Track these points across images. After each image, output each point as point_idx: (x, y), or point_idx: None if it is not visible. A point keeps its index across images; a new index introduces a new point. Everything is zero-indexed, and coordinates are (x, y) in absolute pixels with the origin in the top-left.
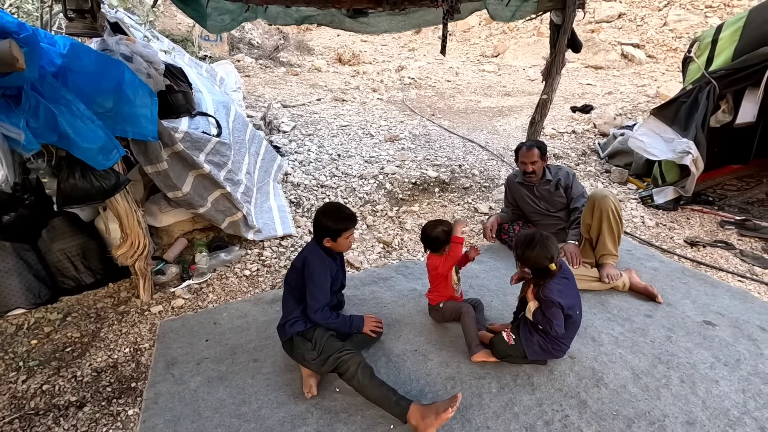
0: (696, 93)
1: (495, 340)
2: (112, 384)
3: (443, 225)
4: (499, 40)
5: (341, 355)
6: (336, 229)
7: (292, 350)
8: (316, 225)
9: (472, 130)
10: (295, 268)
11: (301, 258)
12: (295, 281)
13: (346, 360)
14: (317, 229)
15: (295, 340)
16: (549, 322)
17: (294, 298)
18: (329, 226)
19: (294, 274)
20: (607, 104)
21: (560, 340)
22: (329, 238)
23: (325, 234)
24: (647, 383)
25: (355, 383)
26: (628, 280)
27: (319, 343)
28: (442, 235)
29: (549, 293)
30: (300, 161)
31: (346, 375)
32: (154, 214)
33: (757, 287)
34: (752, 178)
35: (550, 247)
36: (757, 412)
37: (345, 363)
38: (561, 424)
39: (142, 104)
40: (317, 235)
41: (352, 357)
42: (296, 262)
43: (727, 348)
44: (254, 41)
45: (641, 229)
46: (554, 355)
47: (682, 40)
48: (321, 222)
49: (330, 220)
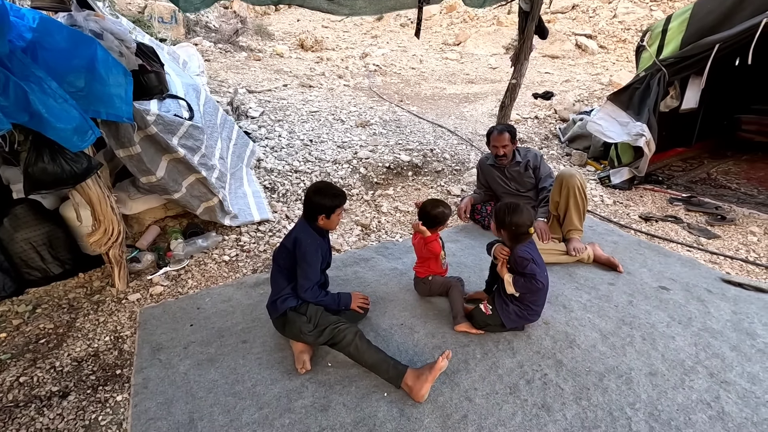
0: (648, 79)
1: (474, 311)
2: (96, 372)
3: (444, 206)
4: (460, 29)
5: (338, 325)
6: (331, 206)
7: (285, 326)
8: (309, 203)
9: (441, 116)
10: (285, 247)
11: (292, 238)
12: (285, 260)
13: (343, 329)
14: (310, 207)
15: (289, 315)
16: (530, 280)
17: (284, 277)
18: (324, 203)
19: (284, 254)
20: (566, 91)
21: (533, 304)
22: (324, 215)
23: (320, 211)
24: (614, 342)
25: (353, 350)
26: (592, 253)
27: (314, 317)
28: (441, 215)
29: (522, 253)
30: (272, 147)
31: (343, 342)
32: (123, 201)
33: (703, 255)
34: (695, 159)
35: (529, 213)
36: (707, 362)
37: (342, 332)
38: (541, 381)
39: (115, 83)
40: (309, 213)
41: (348, 327)
42: (286, 242)
43: (680, 309)
44: (211, 24)
45: (601, 207)
46: (530, 320)
47: (630, 31)
48: (314, 200)
49: (325, 198)
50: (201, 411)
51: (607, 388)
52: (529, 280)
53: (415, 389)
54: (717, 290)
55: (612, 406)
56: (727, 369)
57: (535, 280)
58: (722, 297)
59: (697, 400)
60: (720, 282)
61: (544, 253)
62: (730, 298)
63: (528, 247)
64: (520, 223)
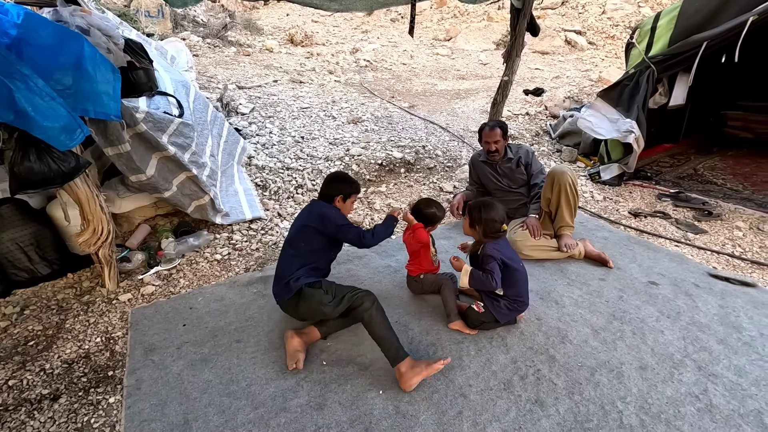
0: (637, 76)
1: (468, 312)
2: (87, 374)
3: (437, 208)
4: (450, 24)
5: (355, 292)
6: (349, 191)
7: (300, 304)
8: (328, 187)
9: (432, 112)
10: (309, 228)
11: (316, 215)
12: (308, 241)
13: (361, 296)
14: (329, 190)
15: (305, 292)
16: (487, 276)
17: (299, 259)
18: (343, 187)
19: (308, 234)
20: (556, 88)
21: (519, 297)
22: (341, 197)
23: (339, 193)
24: (605, 337)
25: (368, 317)
26: (583, 249)
27: (330, 289)
28: (432, 216)
29: (489, 251)
30: (263, 144)
31: (361, 308)
32: (112, 200)
33: (691, 250)
34: (682, 155)
35: (502, 211)
36: (695, 355)
37: (360, 298)
38: (534, 377)
39: (103, 81)
40: (327, 196)
41: (365, 293)
42: (310, 223)
43: (668, 303)
44: (199, 18)
45: (591, 203)
46: (520, 311)
47: (618, 28)
48: (333, 184)
49: (343, 183)
50: (195, 412)
51: (599, 383)
52: (486, 276)
53: (405, 377)
54: (704, 285)
55: (604, 400)
56: (715, 362)
57: (492, 278)
58: (709, 291)
59: (686, 393)
60: (707, 276)
61: (536, 250)
62: (717, 293)
63: (498, 245)
64: (493, 220)
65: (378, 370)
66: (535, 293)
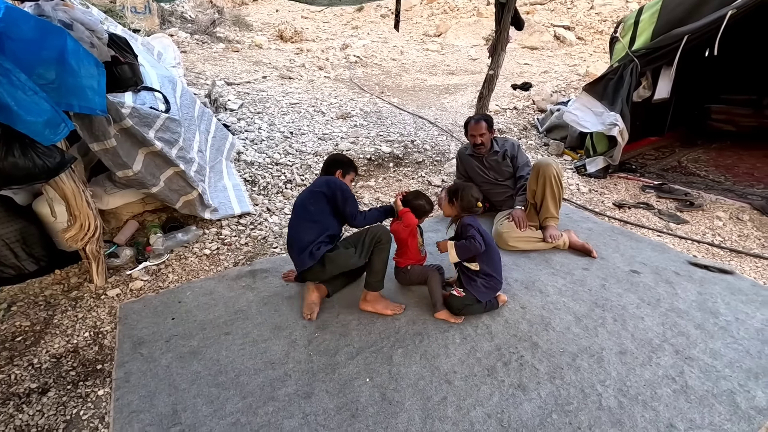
0: (621, 70)
1: (450, 299)
2: (76, 368)
3: (426, 201)
4: (440, 20)
5: (374, 232)
6: (347, 167)
7: (325, 267)
8: (331, 162)
9: (421, 107)
10: (317, 193)
11: (323, 182)
12: (318, 206)
13: (380, 234)
14: (331, 164)
15: (328, 257)
16: (470, 240)
17: (318, 225)
18: (341, 164)
19: (317, 199)
20: (544, 82)
21: (494, 272)
22: (341, 171)
23: (338, 167)
24: (587, 324)
25: (384, 250)
26: (567, 240)
27: (349, 243)
28: (420, 207)
29: (468, 221)
30: (251, 140)
31: (381, 244)
32: (99, 196)
33: (672, 240)
34: (666, 148)
35: (477, 190)
36: (673, 339)
37: (379, 236)
38: (518, 363)
39: (87, 75)
40: (330, 169)
41: (383, 231)
42: (317, 189)
43: (649, 291)
44: (187, 14)
45: (577, 195)
46: (497, 289)
47: (606, 23)
48: (335, 159)
49: (341, 161)
50: (184, 402)
51: (580, 367)
52: (469, 241)
53: (365, 302)
54: (684, 273)
55: (584, 383)
56: (692, 346)
57: (474, 241)
58: (689, 279)
59: (663, 376)
60: (687, 265)
61: (522, 241)
62: (696, 280)
63: (474, 219)
64: (470, 195)
65: (365, 358)
66: (521, 283)
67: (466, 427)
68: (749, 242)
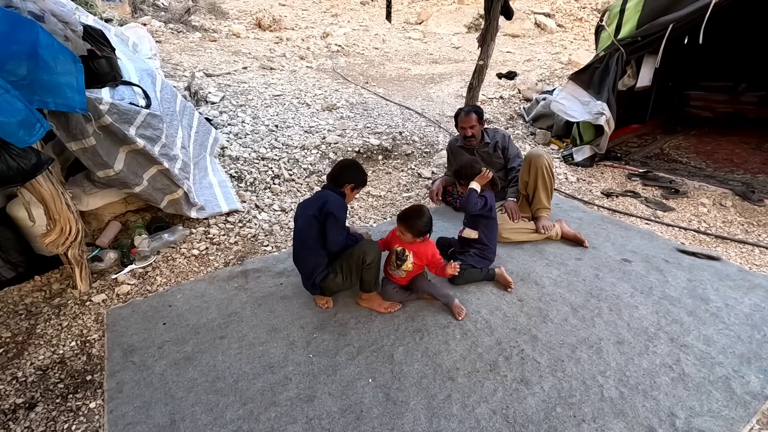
0: (607, 59)
1: (452, 278)
2: (64, 380)
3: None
4: (421, 7)
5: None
6: (360, 182)
7: (324, 292)
8: (342, 171)
9: (407, 97)
10: (313, 219)
11: (319, 204)
12: (316, 234)
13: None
14: (342, 175)
15: (324, 285)
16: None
17: (315, 253)
18: (356, 176)
19: (315, 230)
20: (528, 71)
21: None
22: (351, 186)
23: (351, 181)
24: (584, 315)
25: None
26: (560, 230)
27: (339, 269)
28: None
29: (471, 186)
30: (235, 134)
31: (366, 265)
32: (78, 197)
33: (660, 228)
34: (648, 135)
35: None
36: (668, 327)
37: (363, 258)
38: (519, 357)
39: (64, 71)
40: (337, 181)
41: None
42: (311, 213)
43: (641, 279)
44: (160, 2)
45: (565, 184)
46: (489, 259)
47: (585, 10)
48: (348, 171)
49: (357, 173)
50: (182, 411)
51: (580, 359)
52: (465, 199)
53: (362, 299)
54: (673, 260)
55: (585, 375)
56: (686, 333)
57: (471, 196)
58: (678, 266)
59: (660, 364)
60: (676, 252)
61: (515, 233)
62: (685, 267)
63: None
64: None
65: (366, 358)
66: (516, 275)
67: (472, 425)
68: (733, 228)
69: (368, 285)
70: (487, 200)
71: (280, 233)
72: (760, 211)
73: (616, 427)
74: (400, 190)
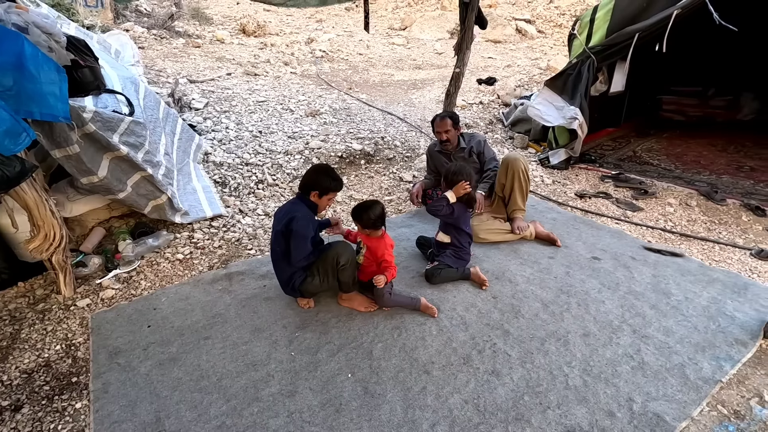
0: (579, 66)
1: (426, 272)
2: (49, 382)
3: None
4: (405, 13)
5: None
6: (326, 187)
7: (304, 295)
8: (308, 179)
9: (390, 103)
10: (279, 234)
11: (285, 220)
12: (283, 246)
13: (338, 257)
14: (308, 182)
15: (303, 288)
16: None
17: (287, 260)
18: (321, 182)
19: (280, 241)
20: (508, 76)
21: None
22: (317, 193)
23: (315, 188)
24: (553, 310)
25: (343, 269)
26: (534, 230)
27: (316, 271)
28: (367, 219)
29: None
30: (219, 140)
31: (340, 266)
32: (62, 203)
33: (629, 227)
34: (623, 138)
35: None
36: (631, 320)
37: (337, 259)
38: (491, 351)
39: (48, 81)
40: (305, 188)
41: (341, 252)
42: (278, 227)
43: (609, 276)
44: (143, 8)
45: (541, 186)
46: (466, 260)
47: (565, 16)
48: (313, 177)
49: (323, 178)
50: (167, 409)
51: (548, 351)
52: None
53: (343, 299)
54: (640, 257)
55: (552, 366)
56: (647, 325)
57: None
58: (644, 263)
59: (622, 354)
60: (642, 250)
61: (492, 233)
62: (650, 263)
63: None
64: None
65: (346, 354)
66: (492, 273)
67: (445, 414)
68: (696, 226)
69: (346, 285)
70: (455, 211)
71: (263, 237)
72: (722, 210)
73: (578, 413)
74: (382, 193)
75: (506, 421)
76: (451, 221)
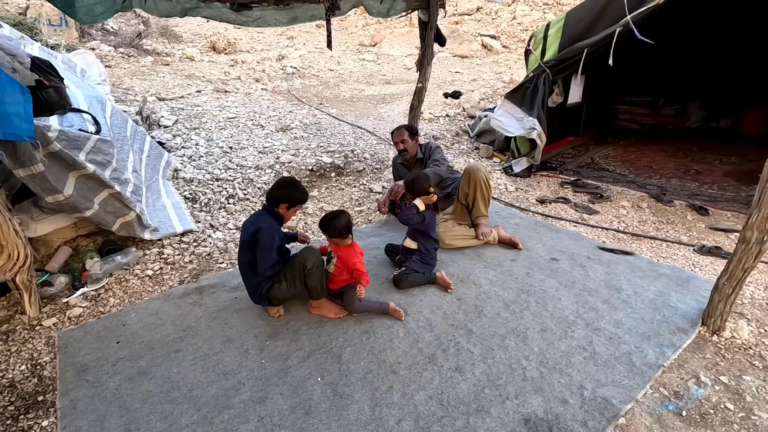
0: (536, 79)
1: (394, 277)
2: (14, 402)
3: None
4: (375, 30)
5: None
6: (295, 200)
7: (272, 302)
8: (277, 190)
9: (360, 117)
10: (246, 244)
11: (251, 231)
12: (248, 256)
13: (305, 262)
14: (277, 194)
15: (271, 294)
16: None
17: (254, 270)
18: (291, 195)
19: (247, 251)
20: (473, 90)
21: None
22: (286, 205)
23: (284, 201)
24: (514, 308)
25: (309, 274)
26: (497, 235)
27: (284, 277)
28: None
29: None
30: (189, 156)
31: (307, 270)
32: (26, 223)
33: (586, 229)
34: (582, 146)
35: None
36: (585, 314)
37: (304, 264)
38: (455, 349)
39: (12, 102)
40: (272, 201)
41: (308, 257)
42: (245, 238)
43: (566, 275)
44: (109, 26)
45: (505, 194)
46: (432, 265)
47: (527, 32)
48: (282, 189)
49: (292, 189)
50: (137, 421)
51: (508, 347)
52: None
53: (313, 307)
54: (595, 257)
55: (511, 360)
56: (599, 318)
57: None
58: (599, 261)
59: (576, 346)
60: (597, 250)
61: (457, 239)
62: (604, 262)
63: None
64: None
65: (316, 360)
66: (457, 277)
67: (410, 410)
68: (647, 226)
69: (314, 291)
70: (425, 218)
71: (234, 250)
72: (669, 211)
73: (534, 402)
74: (352, 204)
75: (468, 413)
76: (422, 228)
